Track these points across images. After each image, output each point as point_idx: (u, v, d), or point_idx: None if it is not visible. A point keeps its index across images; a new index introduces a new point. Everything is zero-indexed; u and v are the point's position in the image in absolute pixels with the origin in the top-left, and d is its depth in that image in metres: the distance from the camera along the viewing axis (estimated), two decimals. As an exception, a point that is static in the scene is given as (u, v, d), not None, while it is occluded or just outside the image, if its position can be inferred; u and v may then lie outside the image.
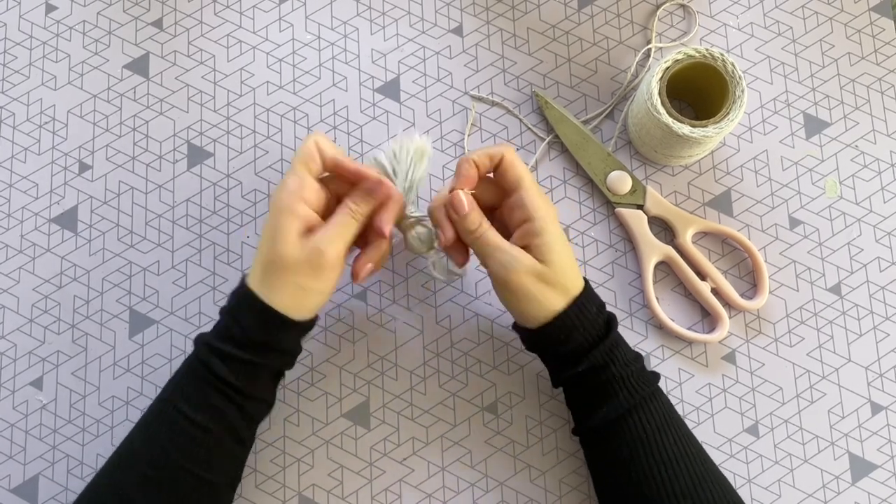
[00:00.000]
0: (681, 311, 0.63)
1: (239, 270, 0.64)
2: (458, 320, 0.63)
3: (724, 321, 0.62)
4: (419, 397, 0.62)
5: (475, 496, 0.61)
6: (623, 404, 0.53)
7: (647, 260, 0.62)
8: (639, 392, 0.53)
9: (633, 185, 0.63)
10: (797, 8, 0.68)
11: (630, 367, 0.53)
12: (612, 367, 0.53)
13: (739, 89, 0.58)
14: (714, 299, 0.62)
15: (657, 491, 0.51)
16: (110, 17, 0.68)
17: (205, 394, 0.51)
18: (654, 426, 0.53)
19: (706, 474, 0.53)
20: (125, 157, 0.66)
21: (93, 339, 0.63)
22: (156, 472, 0.51)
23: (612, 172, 0.64)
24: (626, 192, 0.63)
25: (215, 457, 0.52)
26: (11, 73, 0.67)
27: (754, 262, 0.63)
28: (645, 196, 0.63)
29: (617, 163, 0.64)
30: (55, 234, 0.65)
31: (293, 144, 0.66)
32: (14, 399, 0.62)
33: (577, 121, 0.65)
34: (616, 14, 0.68)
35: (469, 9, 0.68)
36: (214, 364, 0.51)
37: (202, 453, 0.51)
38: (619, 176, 0.63)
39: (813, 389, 0.62)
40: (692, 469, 0.52)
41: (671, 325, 0.62)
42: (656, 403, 0.54)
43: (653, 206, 0.63)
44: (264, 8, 0.68)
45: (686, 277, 0.62)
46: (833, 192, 0.65)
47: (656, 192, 0.64)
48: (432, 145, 0.58)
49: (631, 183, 0.63)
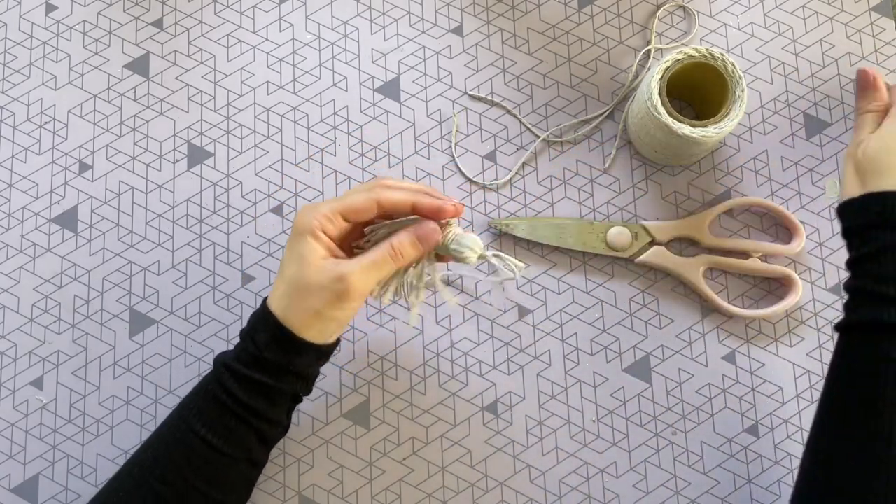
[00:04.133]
0: (745, 299, 0.63)
1: (239, 270, 0.64)
2: (458, 320, 0.63)
3: (796, 283, 0.62)
4: (419, 397, 0.62)
5: (475, 496, 0.61)
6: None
7: (695, 279, 0.62)
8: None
9: (632, 231, 0.63)
10: (797, 8, 0.67)
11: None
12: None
13: (739, 89, 0.58)
14: (774, 266, 0.62)
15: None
16: (110, 16, 0.68)
17: (222, 417, 0.51)
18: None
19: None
20: (125, 157, 0.66)
21: (93, 338, 0.63)
22: (167, 490, 0.50)
23: (608, 233, 0.63)
24: (629, 242, 0.62)
25: (228, 479, 0.52)
26: (11, 72, 0.67)
27: (778, 212, 0.63)
28: (648, 231, 0.63)
29: (603, 225, 0.63)
30: (55, 234, 0.65)
31: (293, 144, 0.66)
32: (14, 399, 0.62)
33: (541, 219, 0.64)
34: (616, 14, 0.68)
35: (469, 9, 0.68)
36: (231, 386, 0.50)
37: (216, 475, 0.51)
38: (616, 233, 0.62)
39: (813, 389, 0.62)
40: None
41: (757, 313, 0.62)
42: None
43: (661, 234, 0.63)
44: (264, 8, 0.68)
45: (736, 266, 0.62)
46: (833, 193, 0.65)
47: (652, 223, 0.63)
48: (432, 146, 0.58)
49: (628, 232, 0.63)
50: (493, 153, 0.66)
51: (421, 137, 0.66)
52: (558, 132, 0.66)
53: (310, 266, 0.49)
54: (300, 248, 0.50)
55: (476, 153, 0.66)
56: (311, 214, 0.50)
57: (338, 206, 0.50)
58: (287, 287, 0.50)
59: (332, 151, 0.66)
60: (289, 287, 0.50)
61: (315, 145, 0.66)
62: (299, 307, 0.50)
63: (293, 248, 0.50)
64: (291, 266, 0.50)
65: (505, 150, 0.66)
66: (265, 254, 0.64)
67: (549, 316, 0.63)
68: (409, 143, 0.66)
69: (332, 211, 0.50)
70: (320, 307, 0.50)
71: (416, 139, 0.66)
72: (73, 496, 0.61)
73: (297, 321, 0.50)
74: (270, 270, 0.64)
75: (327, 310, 0.50)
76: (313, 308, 0.50)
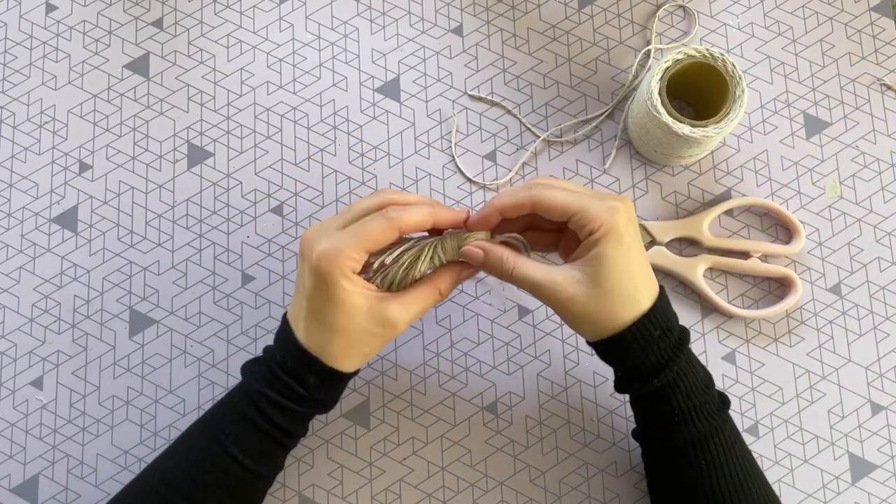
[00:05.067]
0: (744, 299, 0.63)
1: (239, 270, 0.64)
2: (458, 320, 0.63)
3: (796, 283, 0.62)
4: (419, 397, 0.62)
5: (475, 496, 0.61)
6: (679, 437, 0.50)
7: (695, 279, 0.62)
8: (698, 428, 0.50)
9: None
10: (797, 8, 0.67)
11: (693, 401, 0.50)
12: (674, 400, 0.50)
13: (739, 89, 0.58)
14: (774, 266, 0.62)
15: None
16: (110, 16, 0.68)
17: (262, 443, 0.51)
18: (709, 462, 0.50)
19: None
20: (125, 157, 0.66)
21: (93, 338, 0.63)
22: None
23: None
24: None
25: (258, 494, 0.54)
26: (11, 72, 0.67)
27: (778, 213, 0.63)
28: (648, 231, 0.63)
29: None
30: (55, 234, 0.65)
31: (293, 144, 0.66)
32: (14, 399, 0.62)
33: None
34: (616, 14, 0.68)
35: (469, 9, 0.68)
36: (276, 417, 0.51)
37: (247, 492, 0.53)
38: None
39: (813, 389, 0.62)
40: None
41: (757, 313, 0.62)
42: (719, 439, 0.51)
43: (661, 234, 0.63)
44: (264, 8, 0.68)
45: (736, 266, 0.62)
46: (833, 193, 0.65)
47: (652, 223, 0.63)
48: (431, 146, 0.58)
49: None
50: (493, 153, 0.66)
51: (421, 137, 0.66)
52: (558, 132, 0.66)
53: (355, 312, 0.49)
54: (338, 295, 0.48)
55: (476, 153, 0.66)
56: (337, 257, 0.48)
57: (361, 245, 0.48)
58: (330, 334, 0.49)
59: (332, 151, 0.66)
60: (332, 334, 0.49)
61: (315, 145, 0.66)
62: (344, 349, 0.50)
63: (327, 296, 0.48)
64: (331, 313, 0.49)
65: (505, 150, 0.66)
66: (265, 254, 0.64)
67: (549, 316, 0.63)
68: (408, 143, 0.66)
69: (356, 250, 0.48)
70: (368, 350, 0.51)
71: (415, 139, 0.66)
72: (73, 496, 0.61)
73: (340, 358, 0.50)
74: (270, 270, 0.64)
75: (374, 349, 0.51)
76: (361, 351, 0.50)
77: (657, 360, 0.50)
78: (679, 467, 0.52)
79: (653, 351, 0.49)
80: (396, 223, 0.48)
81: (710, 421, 0.51)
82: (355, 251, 0.48)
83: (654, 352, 0.50)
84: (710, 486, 0.51)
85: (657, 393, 0.50)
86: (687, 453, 0.51)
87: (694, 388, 0.51)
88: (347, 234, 0.48)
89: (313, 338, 0.50)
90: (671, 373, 0.50)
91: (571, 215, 0.49)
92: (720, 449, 0.51)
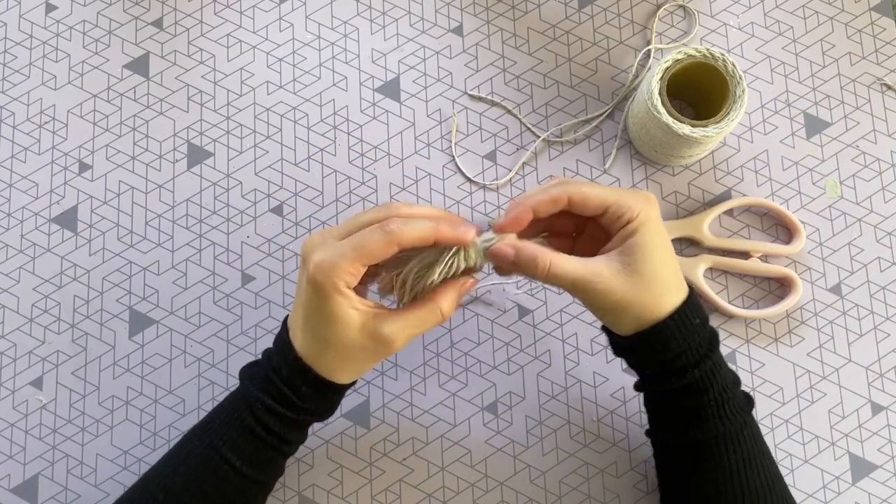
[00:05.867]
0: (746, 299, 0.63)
1: (239, 270, 0.64)
2: (458, 320, 0.63)
3: (796, 283, 0.62)
4: (419, 397, 0.62)
5: (475, 496, 0.61)
6: (712, 431, 0.50)
7: (695, 279, 0.62)
8: (731, 422, 0.50)
9: None
10: (797, 8, 0.67)
11: (727, 394, 0.50)
12: (710, 392, 0.49)
13: (740, 89, 0.58)
14: (775, 266, 0.62)
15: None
16: (110, 16, 0.68)
17: (260, 451, 0.51)
18: (739, 457, 0.50)
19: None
20: (125, 157, 0.66)
21: (93, 338, 0.63)
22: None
23: None
24: None
25: (255, 500, 0.54)
26: (11, 72, 0.67)
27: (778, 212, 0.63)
28: None
29: None
30: (55, 234, 0.65)
31: (293, 144, 0.66)
32: (14, 399, 0.62)
33: None
34: (616, 14, 0.68)
35: (469, 9, 0.68)
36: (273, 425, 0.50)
37: (245, 499, 0.53)
38: None
39: (813, 389, 0.62)
40: None
41: (757, 313, 0.62)
42: (748, 432, 0.51)
43: None
44: (264, 8, 0.68)
45: (736, 266, 0.62)
46: (834, 193, 0.65)
47: None
48: (431, 146, 0.58)
49: None
50: (493, 153, 0.66)
51: (421, 137, 0.66)
52: (558, 132, 0.66)
53: (348, 328, 0.48)
54: (331, 308, 0.47)
55: (476, 153, 0.66)
56: (332, 270, 0.46)
57: (358, 259, 0.47)
58: (324, 346, 0.49)
59: (332, 151, 0.66)
60: (326, 346, 0.49)
61: (315, 145, 0.66)
62: (338, 362, 0.49)
63: (321, 309, 0.48)
64: (325, 326, 0.48)
65: (505, 150, 0.66)
66: (265, 254, 0.64)
67: (549, 316, 0.63)
68: (409, 142, 0.66)
69: (352, 264, 0.46)
70: (363, 366, 0.50)
71: (416, 139, 0.66)
72: (73, 496, 0.61)
73: (335, 371, 0.50)
74: (270, 270, 0.64)
75: (370, 364, 0.51)
76: (356, 367, 0.50)
77: (697, 349, 0.49)
78: (705, 463, 0.51)
79: (693, 339, 0.49)
80: (395, 237, 0.46)
81: (741, 415, 0.50)
82: (351, 265, 0.47)
83: (694, 340, 0.49)
84: (739, 480, 0.50)
85: (692, 386, 0.50)
86: (716, 448, 0.50)
87: (726, 381, 0.50)
88: (344, 247, 0.47)
89: (308, 347, 0.49)
90: (710, 362, 0.49)
91: (608, 206, 0.48)
92: (748, 443, 0.51)
